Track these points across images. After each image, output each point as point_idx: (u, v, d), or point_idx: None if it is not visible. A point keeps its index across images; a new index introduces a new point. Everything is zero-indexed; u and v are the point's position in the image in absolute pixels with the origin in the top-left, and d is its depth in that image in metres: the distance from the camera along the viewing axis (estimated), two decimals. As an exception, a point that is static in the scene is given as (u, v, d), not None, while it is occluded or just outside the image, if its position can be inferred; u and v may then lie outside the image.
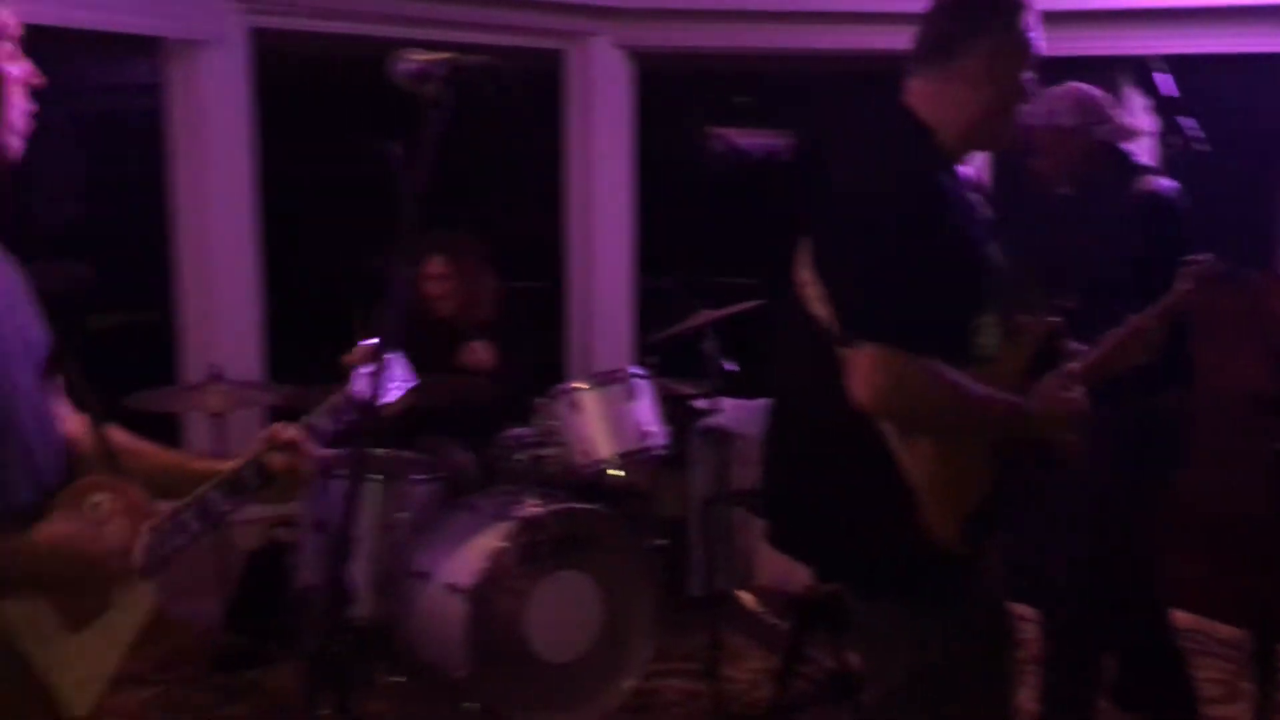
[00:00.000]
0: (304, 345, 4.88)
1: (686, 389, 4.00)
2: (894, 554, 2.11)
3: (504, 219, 5.72)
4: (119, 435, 1.77)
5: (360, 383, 1.77)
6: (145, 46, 4.16)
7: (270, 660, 3.74)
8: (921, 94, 2.15)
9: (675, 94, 6.02)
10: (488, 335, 4.10)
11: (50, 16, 3.65)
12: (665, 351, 4.28)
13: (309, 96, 5.42)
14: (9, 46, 1.56)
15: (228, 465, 1.69)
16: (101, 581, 1.56)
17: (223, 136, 4.14)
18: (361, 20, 4.45)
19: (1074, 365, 2.30)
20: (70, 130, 4.92)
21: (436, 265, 4.02)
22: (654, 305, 5.30)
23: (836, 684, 3.47)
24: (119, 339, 4.67)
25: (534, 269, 5.28)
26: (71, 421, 1.70)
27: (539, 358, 4.29)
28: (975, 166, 2.31)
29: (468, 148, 5.68)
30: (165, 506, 1.64)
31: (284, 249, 4.98)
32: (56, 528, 1.52)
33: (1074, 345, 2.40)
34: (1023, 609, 2.48)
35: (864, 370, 1.95)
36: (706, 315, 3.86)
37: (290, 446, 1.69)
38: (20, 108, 1.57)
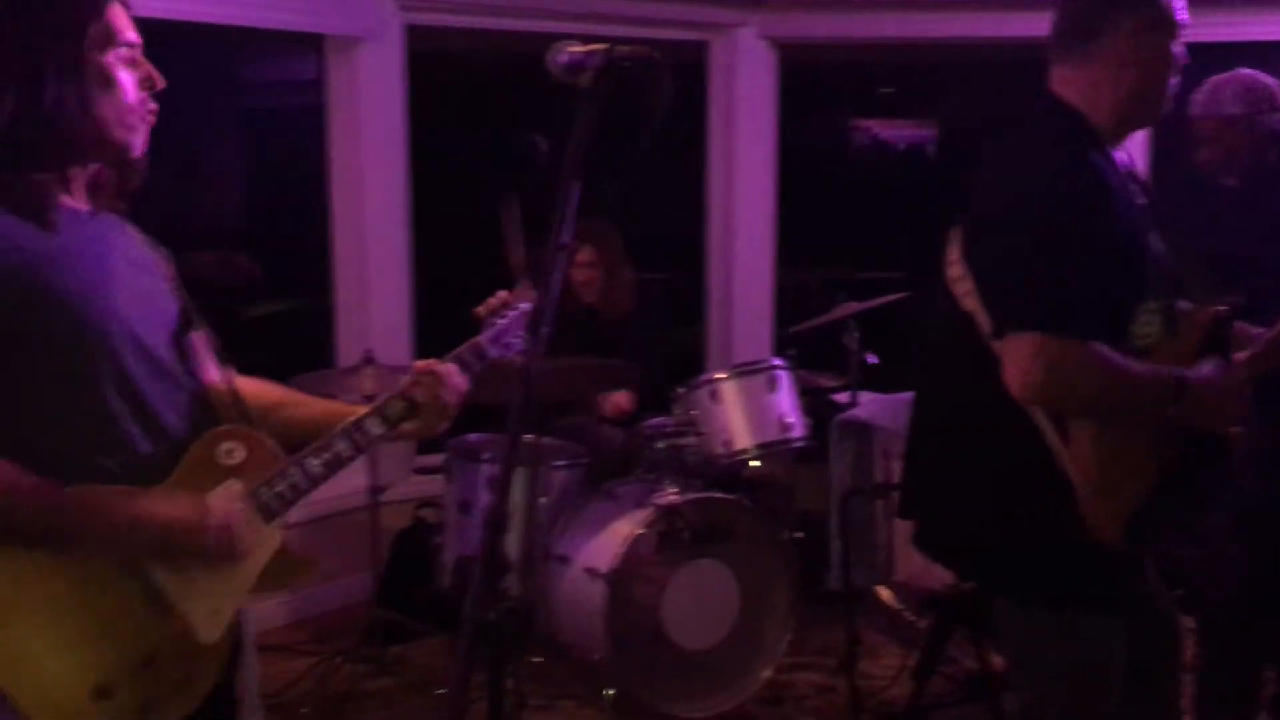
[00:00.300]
0: (451, 331, 5.03)
1: (827, 381, 3.98)
2: (1050, 557, 2.07)
3: (645, 210, 5.77)
4: (275, 389, 1.91)
5: (490, 333, 1.92)
6: (307, 43, 4.33)
7: (417, 635, 3.87)
8: (1067, 80, 2.12)
9: (819, 86, 5.99)
10: (627, 323, 4.17)
11: (218, 15, 3.84)
12: (805, 344, 4.27)
13: (460, 89, 5.56)
14: (124, 51, 1.64)
15: (375, 405, 1.82)
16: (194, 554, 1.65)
17: (378, 129, 4.28)
18: (510, 15, 4.55)
19: (1241, 355, 2.23)
20: (236, 125, 5.15)
21: (583, 253, 4.10)
22: (794, 298, 5.29)
23: (977, 684, 3.42)
24: (280, 325, 4.87)
25: (674, 260, 5.32)
26: (215, 378, 1.79)
27: (677, 348, 4.34)
28: (1130, 154, 2.24)
29: (610, 139, 5.79)
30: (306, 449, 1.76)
31: (434, 238, 5.13)
32: (168, 508, 1.62)
33: (1246, 330, 2.32)
34: (1181, 617, 2.39)
35: (1019, 358, 1.91)
36: (849, 308, 3.84)
37: (433, 376, 1.81)
38: (133, 108, 1.64)
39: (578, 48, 1.50)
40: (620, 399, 4.02)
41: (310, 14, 4.11)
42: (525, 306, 1.93)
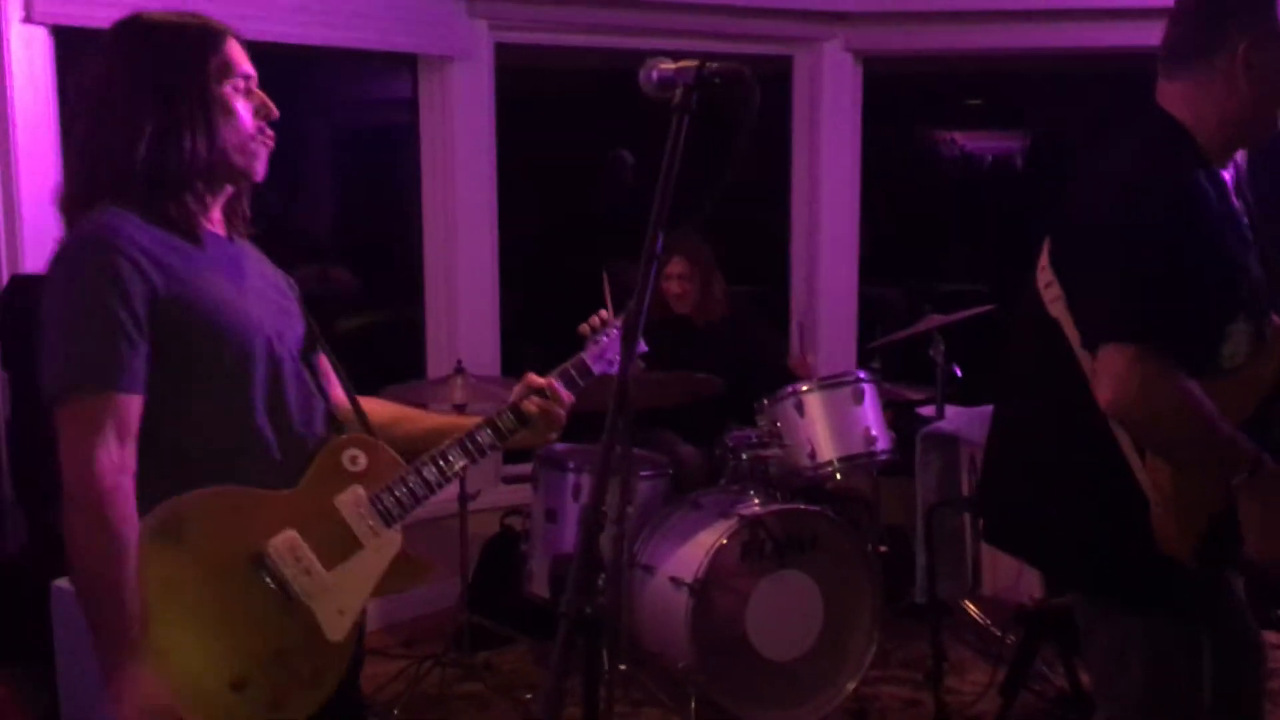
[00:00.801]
0: (539, 342, 5.12)
1: (912, 394, 3.97)
2: (1128, 564, 2.06)
3: (730, 222, 5.80)
4: (390, 406, 2.03)
5: (594, 350, 2.03)
6: (402, 63, 4.44)
7: (504, 641, 3.94)
8: (1175, 95, 2.07)
9: (906, 98, 5.96)
10: (721, 334, 4.22)
11: (317, 37, 3.97)
12: (889, 357, 4.27)
13: (551, 105, 5.64)
14: (241, 82, 1.75)
15: (487, 417, 1.93)
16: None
17: (469, 145, 4.38)
18: (597, 32, 4.63)
19: None
20: (332, 142, 5.30)
21: (676, 265, 4.17)
22: (878, 311, 5.27)
23: (1066, 702, 3.39)
24: (374, 336, 4.99)
25: (761, 273, 5.34)
26: (339, 396, 1.93)
27: (773, 359, 4.36)
28: (1238, 167, 2.22)
29: (702, 154, 5.83)
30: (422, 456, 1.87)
31: (523, 252, 5.23)
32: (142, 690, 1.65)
33: None
34: (1269, 635, 2.36)
35: (1115, 370, 1.90)
36: (934, 320, 3.83)
37: (542, 391, 1.93)
38: (252, 135, 1.76)
39: (669, 64, 1.55)
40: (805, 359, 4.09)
41: (404, 34, 4.22)
42: (615, 333, 2.06)
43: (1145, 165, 2.07)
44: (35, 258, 3.36)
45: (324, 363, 1.93)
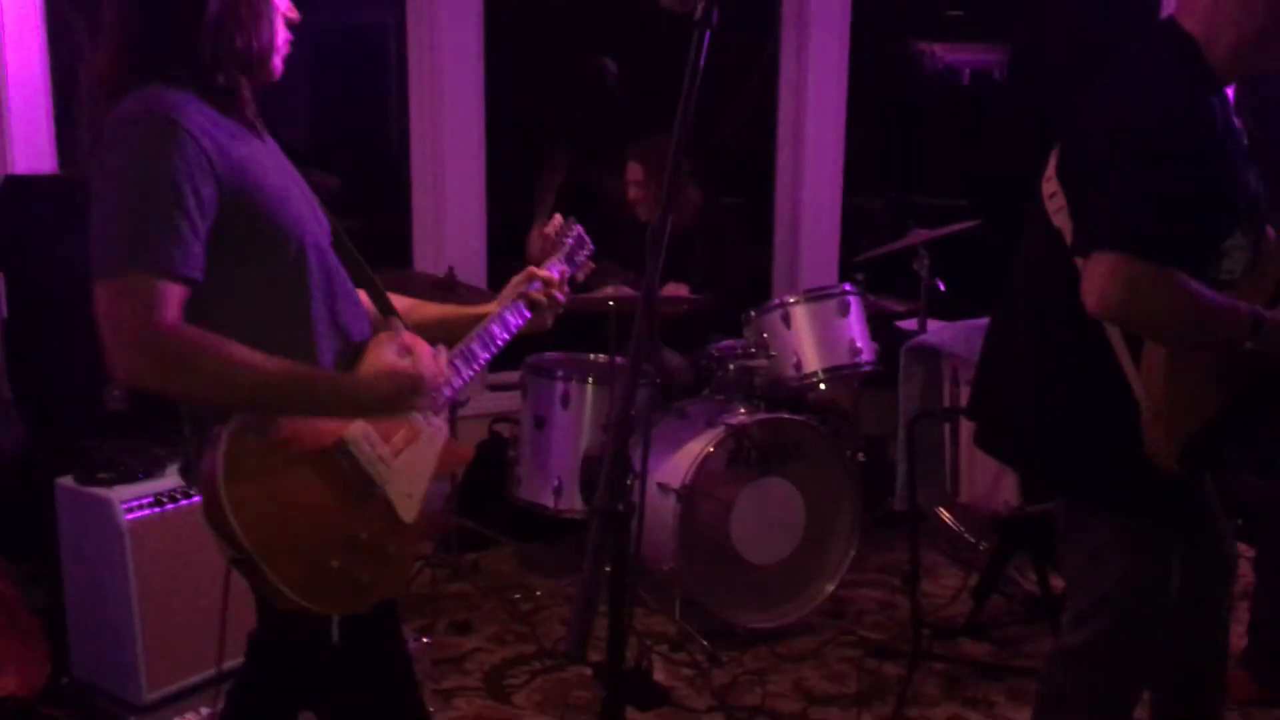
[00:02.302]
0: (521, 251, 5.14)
1: (895, 307, 4.04)
2: (1114, 469, 2.14)
3: (716, 133, 5.78)
4: (398, 297, 2.06)
5: (565, 251, 2.21)
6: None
7: (492, 543, 4.03)
8: (1192, 8, 2.08)
9: (888, 7, 5.91)
10: (690, 242, 4.23)
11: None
12: (872, 270, 4.32)
13: (539, 14, 5.58)
14: None
15: (497, 304, 2.06)
16: (415, 406, 1.84)
17: (456, 50, 4.34)
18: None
19: None
20: (318, 49, 5.21)
21: (635, 171, 4.15)
22: (859, 223, 5.31)
23: (1036, 605, 3.52)
24: (360, 241, 4.98)
25: (750, 185, 5.35)
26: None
27: (745, 268, 4.37)
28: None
29: (682, 63, 5.78)
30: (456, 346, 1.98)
31: (510, 159, 5.21)
32: (383, 358, 1.80)
33: None
34: (1235, 546, 2.47)
35: (1099, 275, 1.95)
36: (919, 235, 3.88)
37: (547, 281, 2.10)
38: (283, 35, 1.80)
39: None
40: (677, 289, 4.07)
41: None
42: (578, 229, 2.23)
43: (1154, 81, 2.08)
44: (25, 159, 3.34)
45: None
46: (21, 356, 3.06)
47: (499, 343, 2.03)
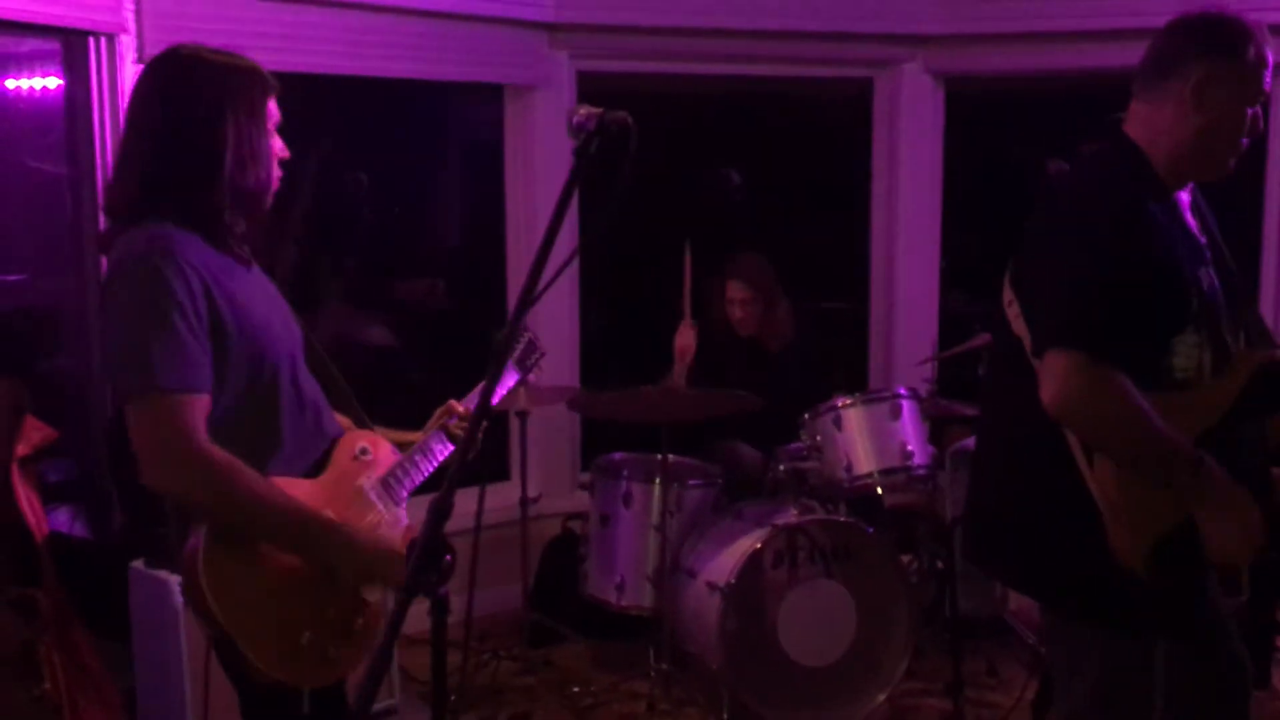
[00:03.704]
0: (626, 353, 5.35)
1: (963, 410, 4.02)
2: (1082, 575, 2.13)
3: (819, 242, 5.90)
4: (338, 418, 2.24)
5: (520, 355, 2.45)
6: (490, 92, 4.72)
7: (563, 639, 4.16)
8: (1138, 117, 2.16)
9: (1011, 120, 5.92)
10: (787, 356, 4.34)
11: (409, 71, 4.28)
12: (952, 372, 4.33)
13: (649, 131, 5.85)
14: (272, 125, 2.02)
15: (422, 434, 2.23)
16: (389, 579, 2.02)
17: (551, 170, 4.59)
18: (677, 59, 4.82)
19: None
20: (431, 166, 5.63)
21: (736, 290, 4.31)
22: (963, 325, 5.29)
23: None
24: (468, 346, 5.27)
25: (847, 290, 5.42)
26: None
27: (835, 376, 4.44)
28: (1195, 193, 2.26)
29: (783, 175, 5.95)
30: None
31: (627, 272, 5.47)
32: (365, 535, 2.01)
33: None
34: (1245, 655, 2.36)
35: (1056, 375, 1.99)
36: (984, 338, 3.87)
37: (464, 416, 2.24)
38: (276, 173, 2.04)
39: (585, 111, 1.72)
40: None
41: (489, 66, 4.50)
42: (528, 336, 2.46)
43: (1096, 184, 2.16)
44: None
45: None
46: (123, 450, 3.40)
47: (423, 472, 2.17)
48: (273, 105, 2.02)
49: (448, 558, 1.49)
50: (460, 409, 2.25)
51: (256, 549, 1.91)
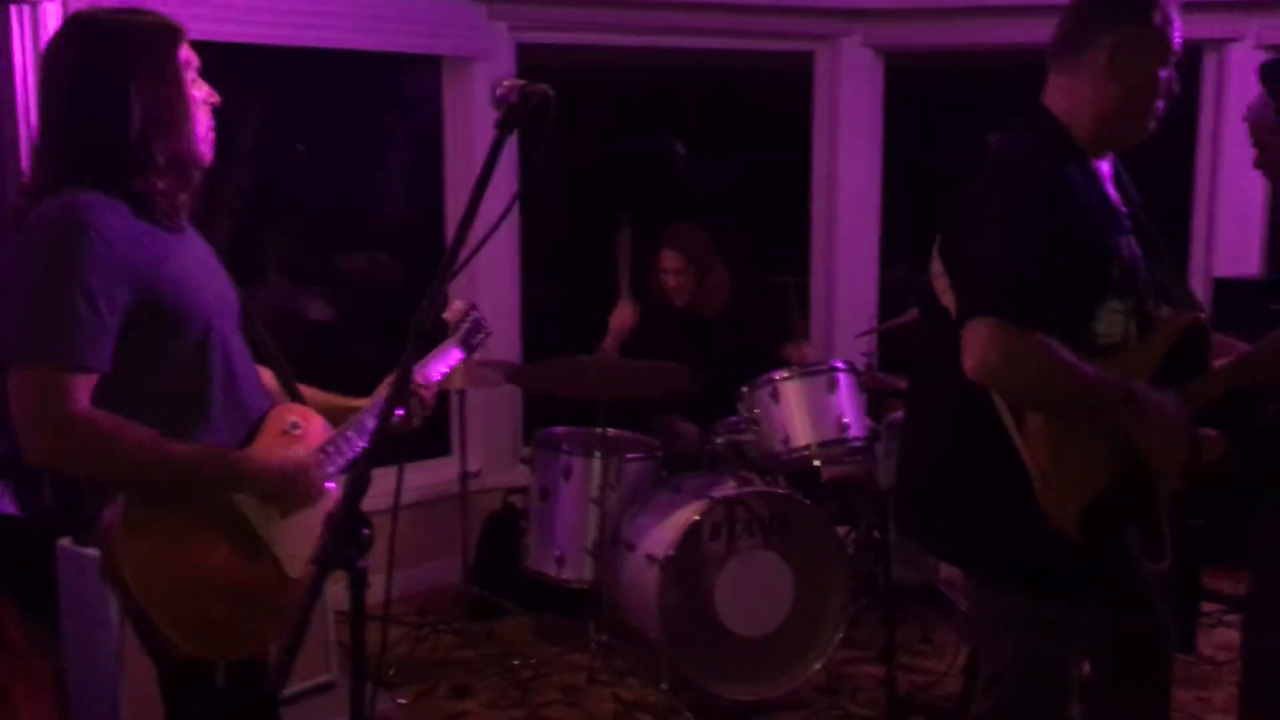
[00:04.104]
0: (570, 323, 5.34)
1: (900, 383, 4.06)
2: (1012, 539, 2.17)
3: (764, 215, 5.92)
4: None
5: (464, 334, 2.37)
6: (426, 64, 4.67)
7: (504, 612, 4.16)
8: (1056, 90, 2.20)
9: (948, 93, 5.96)
10: (721, 325, 4.36)
11: (344, 41, 4.23)
12: (895, 346, 4.36)
13: (585, 103, 5.83)
14: (192, 74, 1.96)
15: (370, 399, 2.19)
16: (297, 492, 2.01)
17: (489, 143, 4.58)
18: (617, 31, 4.80)
19: (1219, 364, 2.25)
20: (373, 138, 5.57)
21: (670, 259, 4.31)
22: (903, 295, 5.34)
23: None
24: (401, 315, 5.25)
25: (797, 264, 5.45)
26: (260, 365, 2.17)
27: (770, 349, 4.45)
28: (1116, 162, 2.30)
29: (727, 148, 5.96)
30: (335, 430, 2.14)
31: (551, 241, 5.44)
32: (275, 447, 1.99)
33: (1232, 344, 2.34)
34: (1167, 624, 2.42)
35: (976, 343, 2.02)
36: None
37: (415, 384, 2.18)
38: (205, 123, 1.98)
39: (508, 83, 1.72)
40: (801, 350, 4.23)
41: (426, 37, 4.45)
42: (476, 315, 2.39)
43: (1016, 157, 2.20)
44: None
45: (259, 335, 2.17)
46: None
47: (355, 448, 2.12)
48: (185, 54, 1.95)
49: (365, 531, 1.48)
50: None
51: (174, 521, 1.89)
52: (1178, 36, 2.17)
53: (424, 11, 4.38)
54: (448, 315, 2.37)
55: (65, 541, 2.98)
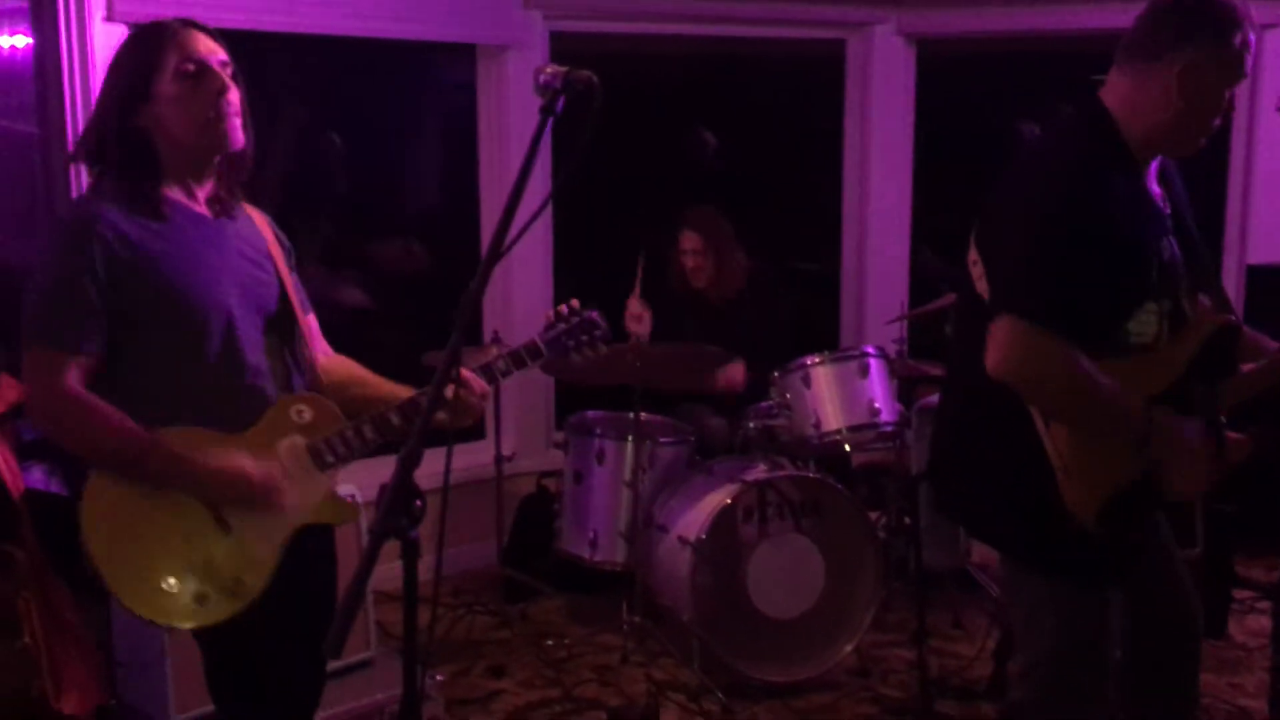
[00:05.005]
0: (607, 316, 5.35)
1: (930, 369, 4.08)
2: (1039, 527, 2.20)
3: (795, 203, 5.94)
4: (358, 369, 2.30)
5: (557, 333, 2.27)
6: (462, 52, 4.72)
7: (538, 593, 4.22)
8: (1117, 88, 2.16)
9: (990, 80, 5.94)
10: (735, 310, 4.38)
11: (377, 30, 4.28)
12: (923, 332, 4.38)
13: (620, 92, 5.86)
14: (190, 67, 2.01)
15: (415, 393, 2.16)
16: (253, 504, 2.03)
17: (523, 132, 4.62)
18: (651, 20, 4.83)
19: (1251, 366, 2.27)
20: (407, 127, 5.63)
21: (689, 240, 4.34)
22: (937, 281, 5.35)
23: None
24: (442, 306, 5.30)
25: (822, 251, 5.47)
26: (313, 355, 2.23)
27: (788, 332, 4.47)
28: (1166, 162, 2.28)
29: (759, 137, 5.97)
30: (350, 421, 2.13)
31: (600, 231, 5.48)
32: (230, 463, 2.00)
33: (1264, 344, 2.34)
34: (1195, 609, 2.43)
35: (1000, 340, 2.05)
36: (950, 298, 3.93)
37: (462, 382, 2.12)
38: (206, 118, 2.02)
39: (551, 69, 1.76)
40: (733, 372, 4.17)
41: (460, 25, 4.50)
42: (590, 314, 2.29)
43: (1063, 153, 2.19)
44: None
45: (311, 323, 2.25)
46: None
47: (369, 441, 2.09)
48: (187, 47, 2.01)
49: (417, 502, 1.52)
50: (463, 374, 2.14)
51: (132, 489, 1.96)
52: (1251, 61, 2.12)
53: (459, 0, 4.42)
54: (549, 315, 2.31)
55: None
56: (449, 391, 2.04)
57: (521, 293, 4.73)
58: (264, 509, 2.02)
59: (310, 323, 2.27)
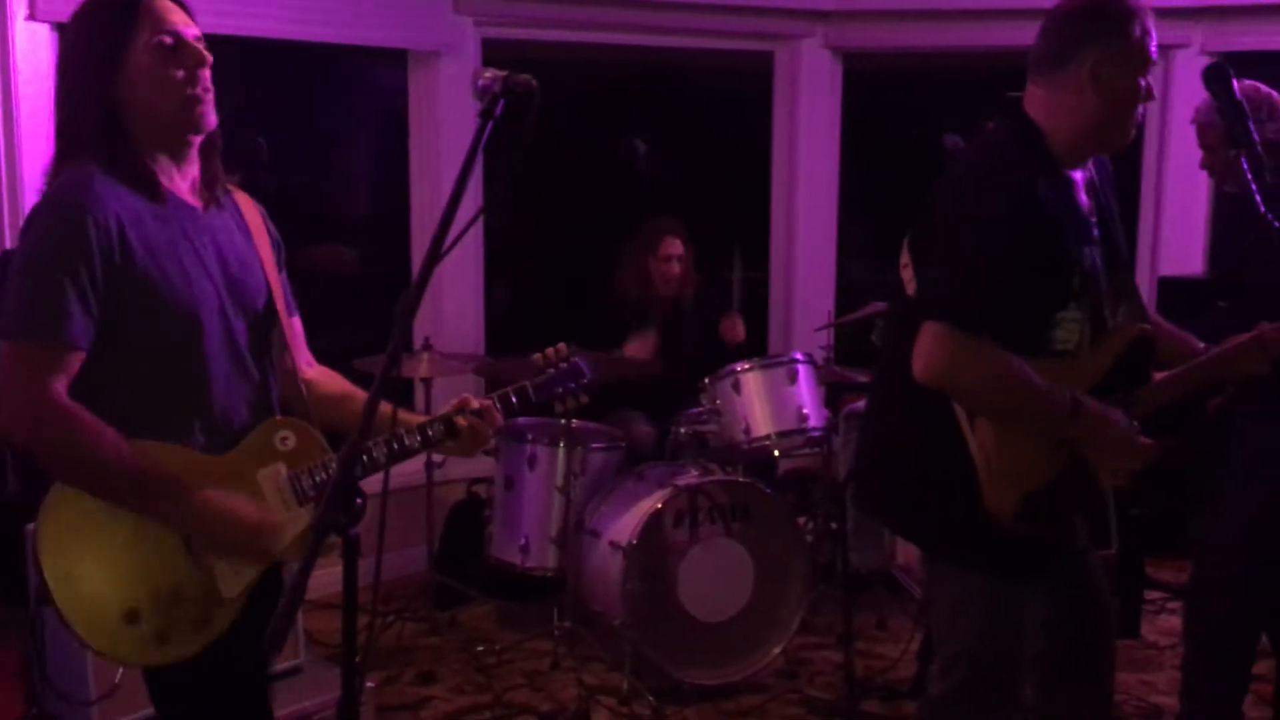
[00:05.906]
0: (537, 323, 5.39)
1: (856, 376, 4.16)
2: (960, 523, 2.25)
3: (725, 212, 6.01)
4: (342, 383, 2.17)
5: (547, 379, 2.16)
6: (393, 58, 4.71)
7: (468, 600, 4.21)
8: (1036, 99, 2.24)
9: (916, 95, 6.06)
10: (691, 315, 4.46)
11: (310, 34, 4.26)
12: (848, 340, 4.47)
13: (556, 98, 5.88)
14: (168, 39, 1.88)
15: (422, 419, 2.06)
16: (244, 553, 1.91)
17: (455, 137, 4.61)
18: (581, 29, 4.86)
19: (1164, 375, 2.35)
20: (337, 131, 5.59)
21: (675, 245, 4.44)
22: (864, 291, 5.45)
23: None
24: (370, 312, 5.27)
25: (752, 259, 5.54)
26: (298, 364, 2.10)
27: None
28: (1093, 170, 2.36)
29: (689, 145, 6.03)
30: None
31: (519, 239, 5.48)
32: (231, 507, 1.87)
33: (1192, 345, 2.44)
34: (1109, 604, 2.52)
35: (924, 345, 2.11)
36: (876, 306, 4.02)
37: (477, 413, 2.04)
38: (183, 94, 1.89)
39: (490, 74, 1.76)
40: (737, 325, 4.38)
41: (392, 30, 4.49)
42: (578, 361, 2.18)
43: (989, 163, 2.26)
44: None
45: (295, 326, 2.10)
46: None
47: (385, 461, 1.98)
48: (161, 18, 1.88)
49: (358, 500, 1.52)
50: (475, 403, 2.05)
51: (104, 518, 1.83)
52: (1155, 46, 2.21)
53: (391, 6, 4.41)
54: (537, 357, 2.19)
55: (33, 526, 2.98)
56: (463, 422, 2.03)
57: (452, 296, 4.72)
58: (253, 559, 1.91)
59: (295, 326, 2.11)
